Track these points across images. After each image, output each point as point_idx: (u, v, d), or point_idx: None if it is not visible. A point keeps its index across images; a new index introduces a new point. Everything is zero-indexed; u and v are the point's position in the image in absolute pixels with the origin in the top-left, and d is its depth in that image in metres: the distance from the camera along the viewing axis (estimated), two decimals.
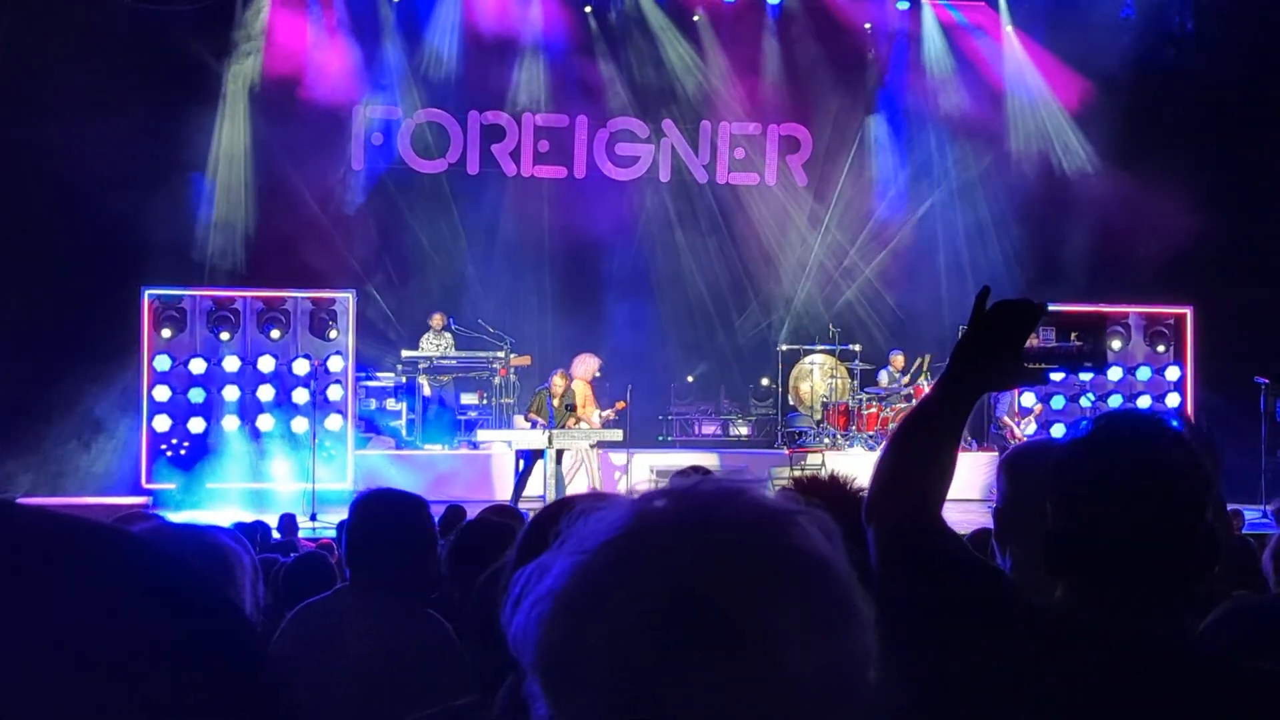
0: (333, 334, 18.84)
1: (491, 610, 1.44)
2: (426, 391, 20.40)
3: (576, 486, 17.67)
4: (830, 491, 3.30)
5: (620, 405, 19.11)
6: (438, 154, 22.44)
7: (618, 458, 19.31)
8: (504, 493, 17.32)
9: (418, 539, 4.51)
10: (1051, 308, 2.48)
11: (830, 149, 23.32)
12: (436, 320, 20.80)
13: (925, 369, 20.99)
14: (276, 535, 11.40)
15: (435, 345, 20.58)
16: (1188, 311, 20.65)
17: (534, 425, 17.59)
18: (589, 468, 18.11)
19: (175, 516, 14.94)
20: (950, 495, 2.50)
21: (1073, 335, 2.70)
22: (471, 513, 11.27)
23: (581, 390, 18.30)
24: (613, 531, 1.27)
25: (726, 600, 1.21)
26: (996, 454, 19.59)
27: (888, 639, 1.32)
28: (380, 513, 4.50)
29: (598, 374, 18.78)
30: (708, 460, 18.89)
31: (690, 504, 1.29)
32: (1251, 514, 15.01)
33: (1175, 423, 2.31)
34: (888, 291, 23.14)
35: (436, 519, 10.15)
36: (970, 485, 18.66)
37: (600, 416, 18.36)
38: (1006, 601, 2.30)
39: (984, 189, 22.83)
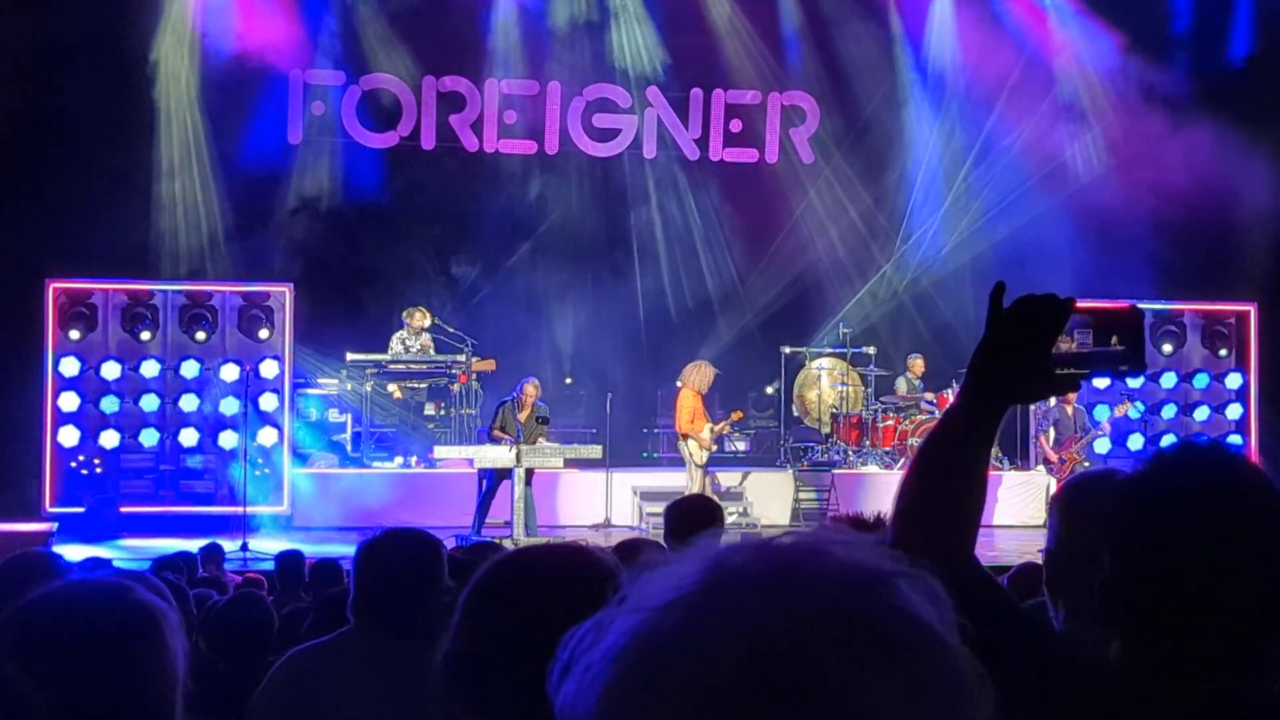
0: (264, 334, 18.78)
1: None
2: (398, 396, 20.35)
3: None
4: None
5: (736, 416, 19.30)
6: (388, 125, 22.38)
7: (595, 478, 19.31)
8: (464, 517, 17.29)
9: (433, 582, 4.62)
10: (1083, 304, 2.45)
11: (844, 122, 23.29)
12: (417, 317, 20.55)
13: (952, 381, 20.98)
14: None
15: (409, 346, 20.43)
16: (1251, 309, 20.74)
17: (496, 442, 17.57)
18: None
19: (83, 548, 14.96)
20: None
21: (1114, 339, 2.67)
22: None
23: (691, 403, 18.43)
24: (684, 588, 1.26)
25: (811, 663, 1.19)
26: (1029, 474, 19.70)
27: None
28: (395, 555, 4.63)
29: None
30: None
31: (774, 559, 1.28)
32: None
33: (1251, 460, 2.30)
34: (911, 288, 23.15)
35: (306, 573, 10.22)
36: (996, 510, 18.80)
37: (712, 431, 18.41)
38: (1051, 658, 2.27)
39: (1023, 168, 22.77)
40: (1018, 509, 19.29)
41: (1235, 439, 20.61)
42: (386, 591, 4.54)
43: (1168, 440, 19.54)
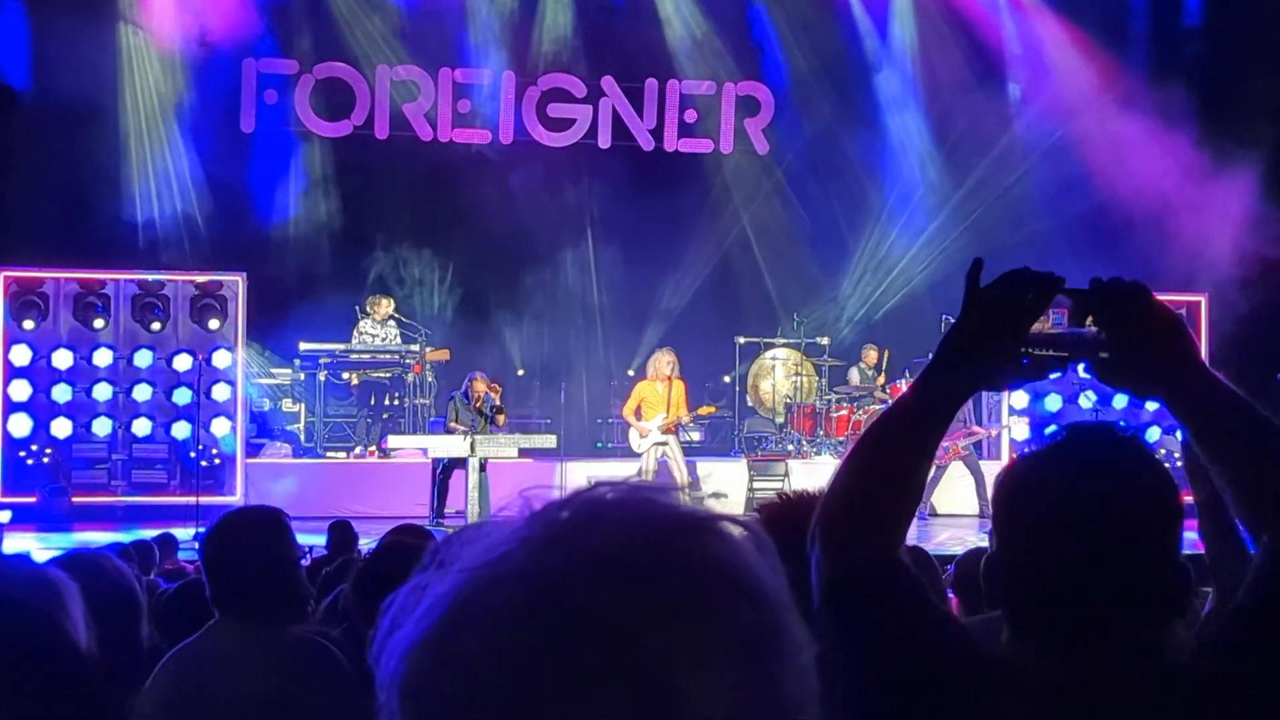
0: (214, 323, 18.67)
1: None
2: (355, 383, 20.34)
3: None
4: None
5: (705, 410, 19.86)
6: (341, 115, 22.32)
7: (549, 467, 19.32)
8: (418, 507, 17.29)
9: (281, 559, 4.56)
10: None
11: (800, 111, 23.31)
12: (383, 305, 20.57)
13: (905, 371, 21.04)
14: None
15: (375, 337, 20.42)
16: (1201, 300, 20.86)
17: (451, 433, 17.58)
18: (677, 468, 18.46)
19: (34, 537, 14.92)
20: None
21: (1088, 320, 2.56)
22: (380, 531, 11.33)
23: (639, 392, 18.78)
24: (503, 544, 1.23)
25: (610, 620, 1.17)
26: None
27: (824, 679, 1.30)
28: (239, 536, 4.55)
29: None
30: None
31: (594, 510, 1.25)
32: None
33: (1146, 442, 2.29)
34: (869, 280, 23.21)
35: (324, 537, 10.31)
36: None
37: (665, 420, 18.65)
38: (957, 651, 2.26)
39: (983, 158, 22.80)
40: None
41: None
42: (238, 577, 4.46)
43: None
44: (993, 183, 22.62)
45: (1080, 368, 2.37)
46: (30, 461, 18.34)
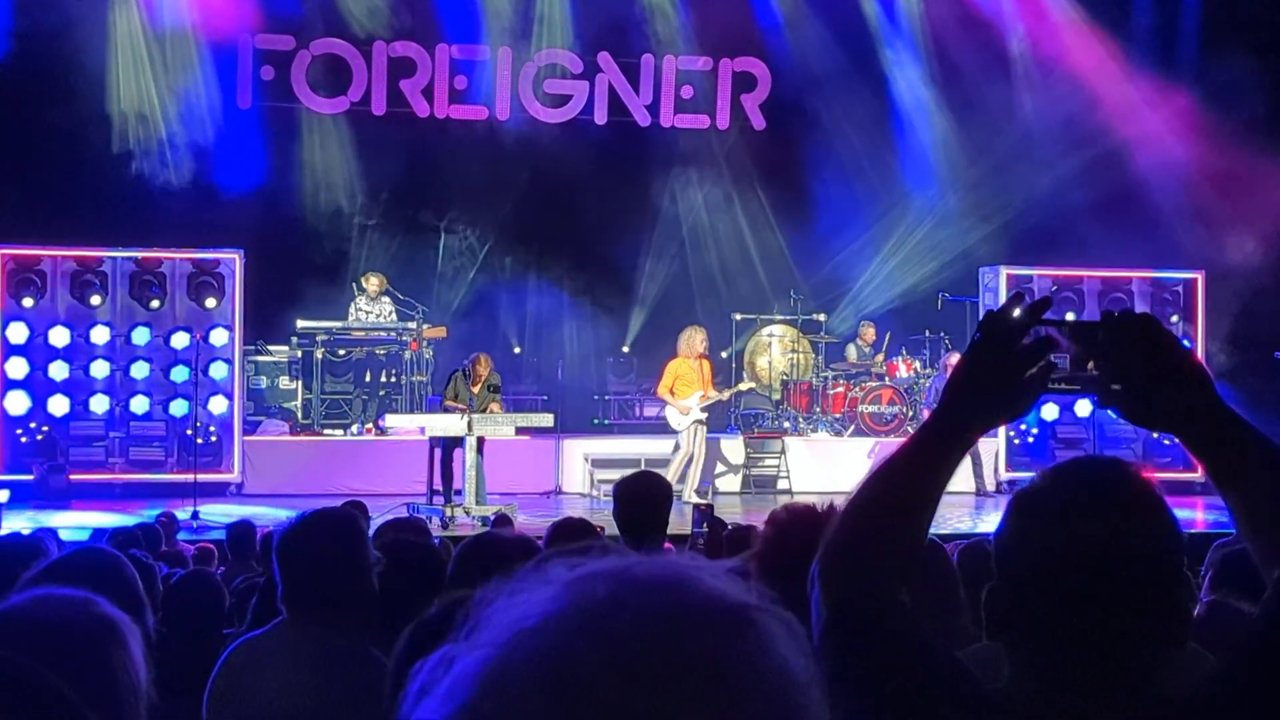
0: (210, 302, 18.67)
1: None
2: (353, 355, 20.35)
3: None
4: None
5: (743, 386, 20.19)
6: (338, 91, 22.26)
7: (546, 445, 19.35)
8: (415, 484, 17.28)
9: (359, 564, 4.54)
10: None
11: (797, 87, 23.20)
12: (374, 282, 20.56)
13: (902, 349, 21.05)
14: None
15: (370, 314, 20.41)
16: (1198, 276, 20.86)
17: (449, 411, 17.53)
18: (695, 461, 18.44)
19: (31, 516, 14.91)
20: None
21: (1090, 365, 2.55)
22: (375, 507, 11.34)
23: (674, 369, 18.61)
24: (532, 621, 1.24)
25: (620, 711, 1.18)
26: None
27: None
28: (321, 539, 4.52)
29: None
30: (651, 447, 18.99)
31: (631, 592, 1.25)
32: None
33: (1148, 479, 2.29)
34: (866, 257, 23.17)
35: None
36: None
37: (702, 398, 18.59)
38: (954, 689, 2.26)
39: (980, 131, 22.74)
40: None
41: None
42: (316, 581, 4.45)
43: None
44: (1000, 158, 22.53)
45: (1087, 402, 2.39)
46: (25, 440, 18.34)
